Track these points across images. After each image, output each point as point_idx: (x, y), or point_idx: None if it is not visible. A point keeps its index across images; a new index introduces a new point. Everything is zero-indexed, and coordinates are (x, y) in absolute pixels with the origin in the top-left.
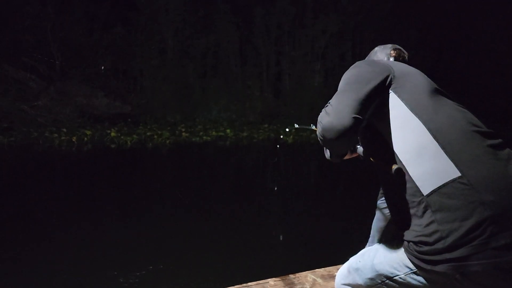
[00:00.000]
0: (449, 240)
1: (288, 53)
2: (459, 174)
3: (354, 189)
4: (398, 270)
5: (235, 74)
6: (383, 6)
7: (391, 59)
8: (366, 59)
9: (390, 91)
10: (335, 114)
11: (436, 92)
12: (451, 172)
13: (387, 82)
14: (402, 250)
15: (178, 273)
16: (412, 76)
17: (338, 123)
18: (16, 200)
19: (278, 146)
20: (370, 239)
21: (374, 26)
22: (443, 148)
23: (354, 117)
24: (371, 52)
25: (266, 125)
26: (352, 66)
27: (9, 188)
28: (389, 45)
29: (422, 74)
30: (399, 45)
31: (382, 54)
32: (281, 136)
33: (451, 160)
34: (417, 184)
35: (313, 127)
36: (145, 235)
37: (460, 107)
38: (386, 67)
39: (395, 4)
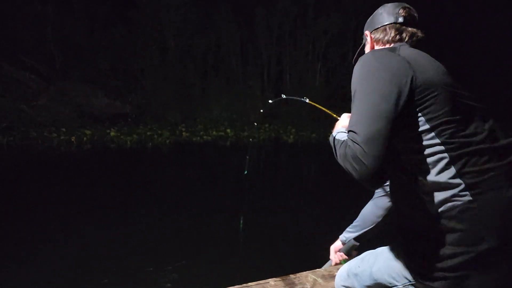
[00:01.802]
0: (451, 262)
1: (289, 53)
2: (470, 198)
3: (355, 188)
4: (396, 280)
5: (236, 74)
6: None
7: (400, 19)
8: (370, 22)
9: (412, 104)
10: (370, 160)
11: (456, 99)
12: (463, 196)
13: (410, 91)
14: (401, 260)
15: (178, 273)
16: (434, 84)
17: (375, 170)
18: (15, 200)
19: (248, 157)
20: (357, 223)
21: None
22: (458, 171)
23: (391, 161)
24: (375, 14)
25: (267, 125)
26: (365, 67)
27: (8, 188)
28: (395, 4)
29: (440, 69)
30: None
31: (389, 15)
32: (261, 111)
33: (465, 184)
34: (428, 204)
35: (306, 100)
36: (145, 235)
37: (481, 117)
38: (406, 70)
39: None
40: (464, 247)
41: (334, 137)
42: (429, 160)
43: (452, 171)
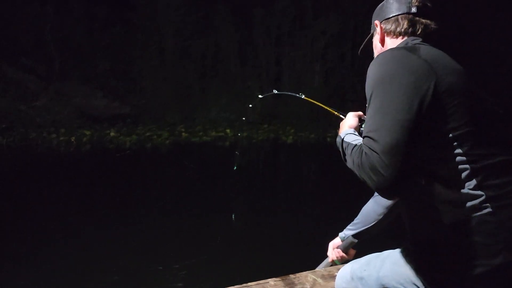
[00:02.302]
0: (466, 273)
1: (288, 54)
2: (490, 210)
3: (355, 188)
4: (404, 287)
5: (234, 75)
6: None
7: (413, 9)
8: (379, 11)
9: (435, 112)
10: (389, 171)
11: (478, 106)
12: (483, 208)
13: (433, 97)
14: (410, 265)
15: (178, 273)
16: (457, 90)
17: (394, 181)
18: (15, 200)
19: (237, 152)
20: (357, 220)
21: None
22: (479, 183)
23: (409, 171)
24: (385, 2)
25: (265, 126)
26: (383, 69)
27: (8, 188)
28: None
29: (461, 72)
30: None
31: (401, 4)
32: (250, 106)
33: (485, 196)
34: (445, 214)
35: (302, 96)
36: (145, 235)
37: (501, 123)
38: (428, 75)
39: None
40: (480, 259)
41: (343, 139)
42: (450, 170)
43: (473, 182)
